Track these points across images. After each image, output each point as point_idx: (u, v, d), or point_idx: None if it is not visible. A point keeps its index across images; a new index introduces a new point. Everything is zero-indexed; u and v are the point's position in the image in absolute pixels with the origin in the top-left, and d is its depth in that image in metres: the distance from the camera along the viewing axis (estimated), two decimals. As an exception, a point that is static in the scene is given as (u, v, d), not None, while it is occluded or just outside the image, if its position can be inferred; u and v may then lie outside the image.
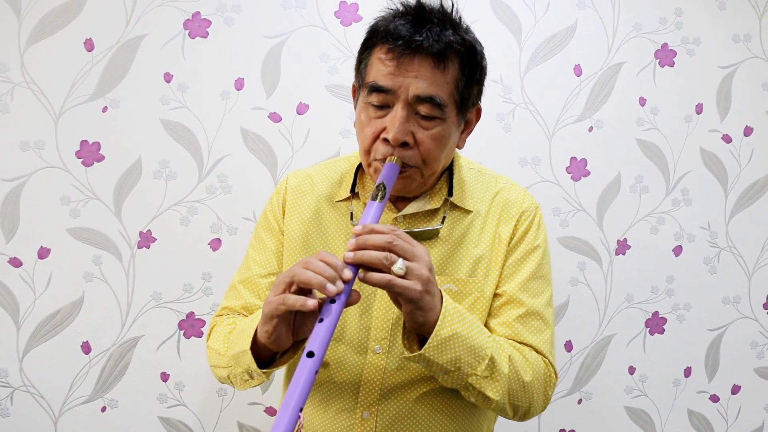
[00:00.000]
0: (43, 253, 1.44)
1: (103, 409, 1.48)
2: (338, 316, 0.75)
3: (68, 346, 1.45)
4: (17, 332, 1.44)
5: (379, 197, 0.86)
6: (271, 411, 1.53)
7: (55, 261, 1.45)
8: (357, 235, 0.79)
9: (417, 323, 0.81)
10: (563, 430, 1.66)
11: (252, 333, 0.85)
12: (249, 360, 0.85)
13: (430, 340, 0.80)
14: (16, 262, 1.43)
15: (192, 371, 1.50)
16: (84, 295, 1.46)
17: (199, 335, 1.50)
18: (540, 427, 1.65)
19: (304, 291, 0.78)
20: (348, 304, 0.78)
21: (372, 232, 0.79)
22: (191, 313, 1.49)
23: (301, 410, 0.67)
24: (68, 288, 1.45)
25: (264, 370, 0.86)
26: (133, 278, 1.47)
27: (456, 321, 0.82)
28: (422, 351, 0.81)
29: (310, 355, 0.70)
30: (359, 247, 0.78)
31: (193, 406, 1.51)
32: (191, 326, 1.49)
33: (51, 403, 1.46)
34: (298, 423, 0.67)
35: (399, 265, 0.77)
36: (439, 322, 0.80)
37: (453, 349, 0.82)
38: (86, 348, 1.46)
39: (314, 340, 0.72)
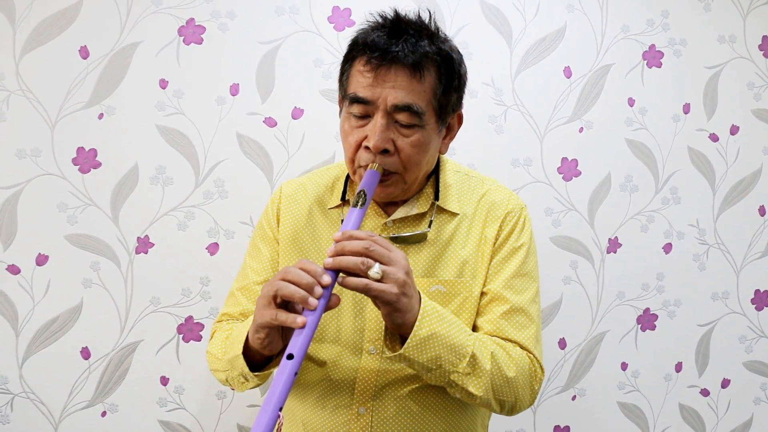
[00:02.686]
0: (41, 260, 1.45)
1: (104, 413, 1.49)
2: (318, 320, 0.79)
3: (68, 351, 1.46)
4: (16, 339, 1.45)
5: (359, 204, 0.89)
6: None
7: (54, 268, 1.45)
8: (337, 242, 0.83)
9: (396, 324, 0.84)
10: (558, 426, 1.69)
11: (243, 339, 0.89)
12: (242, 364, 0.89)
13: (409, 340, 0.83)
14: (14, 270, 1.44)
15: (191, 375, 1.51)
16: (83, 301, 1.46)
17: (198, 339, 1.51)
18: (535, 423, 1.68)
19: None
20: (328, 308, 0.81)
21: (351, 238, 0.82)
22: (190, 317, 1.51)
23: (280, 409, 0.71)
24: (67, 294, 1.46)
25: (257, 374, 0.90)
26: (131, 283, 1.48)
27: (434, 321, 0.85)
28: (402, 351, 0.84)
29: (290, 357, 0.75)
30: (338, 253, 0.82)
31: (192, 410, 1.52)
32: (190, 330, 1.51)
33: (51, 409, 1.47)
34: (278, 421, 0.71)
35: (375, 270, 0.80)
36: (417, 323, 0.83)
37: (432, 348, 0.85)
38: (86, 353, 1.47)
39: (294, 343, 0.76)
